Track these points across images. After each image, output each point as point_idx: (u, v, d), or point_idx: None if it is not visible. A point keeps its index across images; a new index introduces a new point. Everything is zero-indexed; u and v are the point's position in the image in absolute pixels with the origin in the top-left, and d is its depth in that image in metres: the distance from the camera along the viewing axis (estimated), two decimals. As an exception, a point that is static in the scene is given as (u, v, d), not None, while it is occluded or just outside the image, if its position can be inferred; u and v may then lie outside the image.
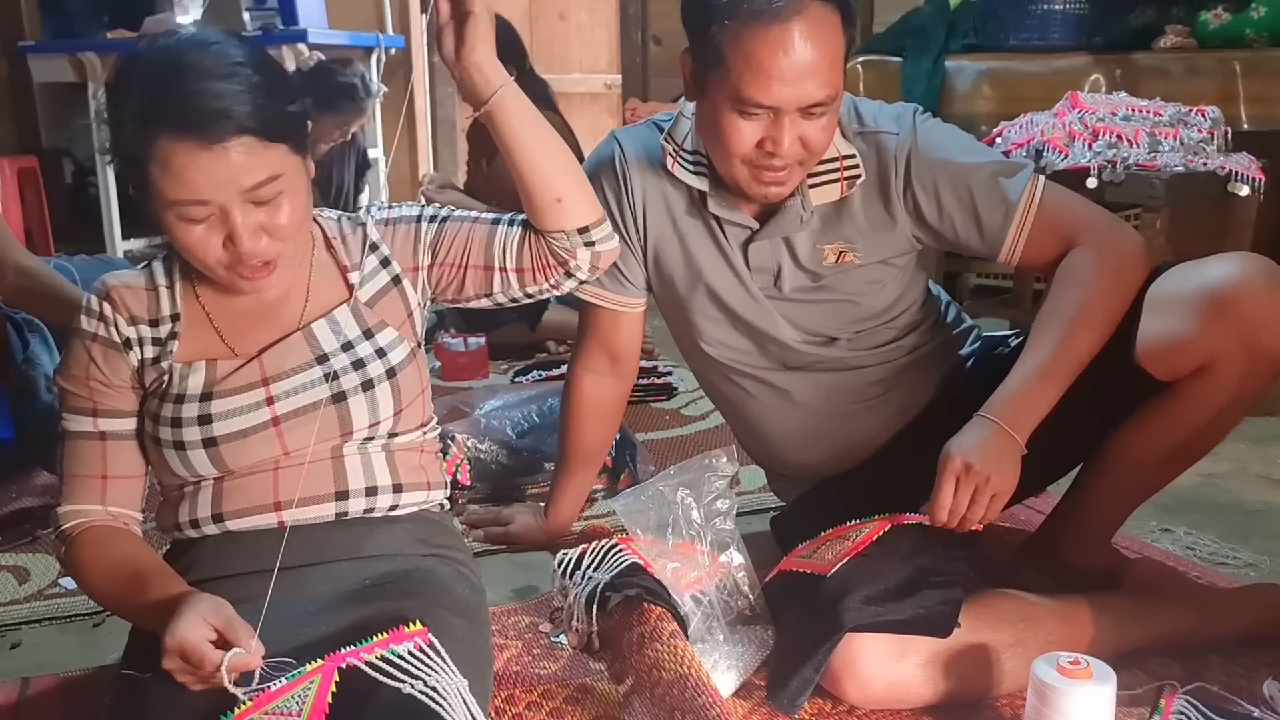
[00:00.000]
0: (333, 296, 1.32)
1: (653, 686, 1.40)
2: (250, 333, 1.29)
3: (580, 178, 1.37)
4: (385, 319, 1.34)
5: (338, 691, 1.06)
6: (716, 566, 1.56)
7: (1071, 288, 1.47)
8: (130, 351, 1.27)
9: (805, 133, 1.44)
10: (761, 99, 1.40)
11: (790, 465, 1.76)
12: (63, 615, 1.75)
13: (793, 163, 1.47)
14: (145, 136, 1.13)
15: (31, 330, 2.07)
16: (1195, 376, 1.44)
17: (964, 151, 1.56)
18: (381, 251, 1.35)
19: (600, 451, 1.91)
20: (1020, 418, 1.41)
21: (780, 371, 1.68)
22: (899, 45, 3.59)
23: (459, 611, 1.26)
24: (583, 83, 5.49)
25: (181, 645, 1.05)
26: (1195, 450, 1.56)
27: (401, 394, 1.32)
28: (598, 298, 1.71)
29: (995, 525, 1.84)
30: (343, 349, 1.29)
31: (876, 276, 1.60)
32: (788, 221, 1.56)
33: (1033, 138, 2.71)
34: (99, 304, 1.28)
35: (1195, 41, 3.20)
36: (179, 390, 1.26)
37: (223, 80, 1.14)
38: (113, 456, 1.28)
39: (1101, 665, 1.24)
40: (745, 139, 1.45)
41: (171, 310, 1.29)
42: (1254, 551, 1.91)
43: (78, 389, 1.28)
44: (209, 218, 1.16)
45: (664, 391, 2.91)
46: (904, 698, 1.40)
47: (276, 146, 1.17)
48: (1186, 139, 2.59)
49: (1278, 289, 1.41)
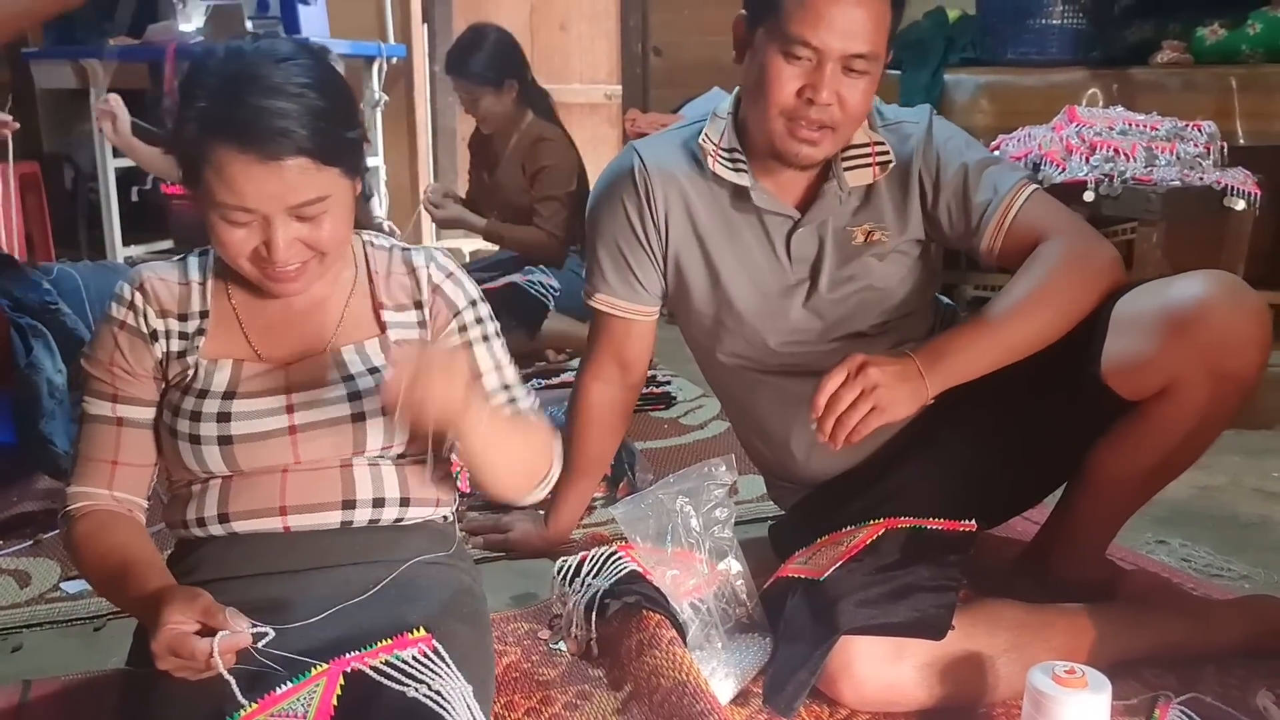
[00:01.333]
0: (364, 328, 1.34)
1: (651, 693, 1.41)
2: (278, 341, 1.31)
3: (533, 472, 1.40)
4: None
5: (343, 695, 1.07)
6: (715, 574, 1.57)
7: (1033, 268, 1.50)
8: (156, 344, 1.29)
9: (844, 91, 1.48)
10: (809, 38, 1.46)
11: (798, 470, 1.75)
12: (64, 619, 1.76)
13: (828, 123, 1.51)
14: (205, 140, 1.16)
15: (35, 335, 2.07)
16: (1162, 398, 1.45)
17: (968, 145, 1.62)
18: (423, 313, 1.36)
19: (604, 460, 1.92)
20: (938, 364, 1.43)
21: (796, 378, 1.68)
22: (897, 58, 3.61)
23: (463, 619, 1.27)
24: (583, 93, 5.51)
25: (169, 644, 1.06)
26: (1174, 467, 1.57)
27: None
28: (610, 306, 1.73)
29: (991, 536, 1.86)
30: (369, 372, 1.30)
31: (898, 264, 1.63)
32: (828, 204, 1.60)
33: (1030, 151, 2.73)
34: (131, 293, 1.30)
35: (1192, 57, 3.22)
36: (203, 385, 1.28)
37: (289, 100, 1.16)
38: (126, 443, 1.30)
39: (1097, 674, 1.24)
40: (787, 85, 1.49)
41: (202, 307, 1.31)
42: (1249, 564, 1.92)
43: (101, 374, 1.30)
44: (251, 223, 1.19)
45: (663, 401, 2.92)
46: (899, 701, 1.41)
47: (330, 169, 1.20)
48: (1183, 153, 2.61)
49: (1241, 309, 1.42)
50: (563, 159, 3.37)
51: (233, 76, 1.17)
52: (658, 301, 1.74)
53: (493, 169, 3.47)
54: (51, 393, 2.05)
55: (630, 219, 1.66)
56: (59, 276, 2.29)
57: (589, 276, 1.75)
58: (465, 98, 3.42)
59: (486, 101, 3.36)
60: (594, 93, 5.49)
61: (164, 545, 1.34)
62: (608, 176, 1.70)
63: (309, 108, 1.17)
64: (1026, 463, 1.61)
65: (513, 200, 3.41)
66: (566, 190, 3.32)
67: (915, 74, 3.47)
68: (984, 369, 1.44)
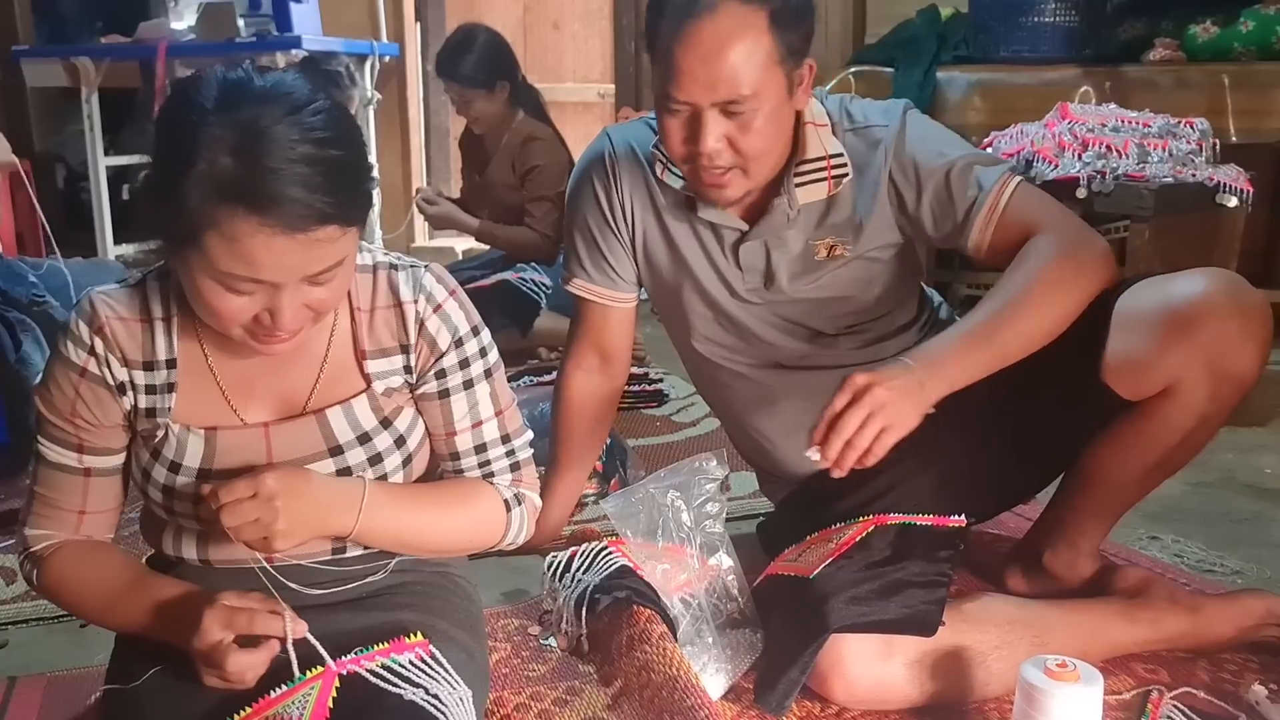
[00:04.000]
0: (348, 381, 1.20)
1: (642, 689, 1.40)
2: (256, 392, 1.18)
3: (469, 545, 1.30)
4: (401, 403, 1.23)
5: (339, 697, 1.06)
6: (706, 570, 1.56)
7: (1024, 266, 1.45)
8: (124, 396, 1.15)
9: (732, 135, 1.45)
10: (674, 92, 1.43)
11: (779, 462, 1.76)
12: (50, 616, 1.74)
13: (729, 166, 1.47)
14: (214, 207, 0.99)
15: (24, 330, 2.07)
16: (1162, 397, 1.45)
17: (946, 142, 1.58)
18: (408, 357, 1.21)
19: (591, 452, 1.91)
20: (937, 371, 1.37)
21: (769, 369, 1.68)
22: (891, 56, 3.62)
23: (459, 623, 1.25)
24: (576, 92, 5.50)
25: (226, 669, 1.05)
26: (1170, 466, 1.57)
27: (414, 472, 1.25)
28: (586, 291, 1.72)
29: (982, 531, 1.86)
30: (359, 441, 1.19)
31: (866, 271, 1.61)
32: (775, 221, 1.57)
33: (1023, 148, 2.74)
34: (90, 336, 1.13)
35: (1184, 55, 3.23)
36: (174, 457, 1.16)
37: (312, 165, 1.00)
38: (95, 492, 1.19)
39: (1089, 668, 1.24)
40: (673, 135, 1.48)
41: (168, 354, 1.15)
42: (1241, 559, 1.92)
43: (61, 423, 1.16)
44: (255, 292, 1.04)
45: (655, 398, 2.92)
46: (890, 698, 1.41)
47: (352, 230, 1.06)
48: (1175, 150, 2.61)
49: (1241, 308, 1.41)
50: (554, 158, 3.36)
51: (247, 134, 0.99)
52: (634, 289, 1.73)
53: (484, 168, 3.47)
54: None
55: (600, 203, 1.66)
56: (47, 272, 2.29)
57: (566, 262, 1.75)
58: (457, 99, 3.42)
59: (478, 103, 3.36)
60: (587, 91, 5.49)
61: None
62: (582, 162, 1.71)
63: (333, 167, 1.01)
64: (1019, 458, 1.60)
65: (504, 200, 3.41)
66: (557, 190, 3.31)
67: (908, 72, 3.48)
68: (980, 375, 1.40)
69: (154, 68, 4.35)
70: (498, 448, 1.28)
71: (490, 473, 1.29)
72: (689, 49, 1.41)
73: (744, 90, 1.41)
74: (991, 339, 1.41)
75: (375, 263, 1.21)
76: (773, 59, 1.43)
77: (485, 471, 1.28)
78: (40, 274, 2.23)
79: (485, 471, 1.28)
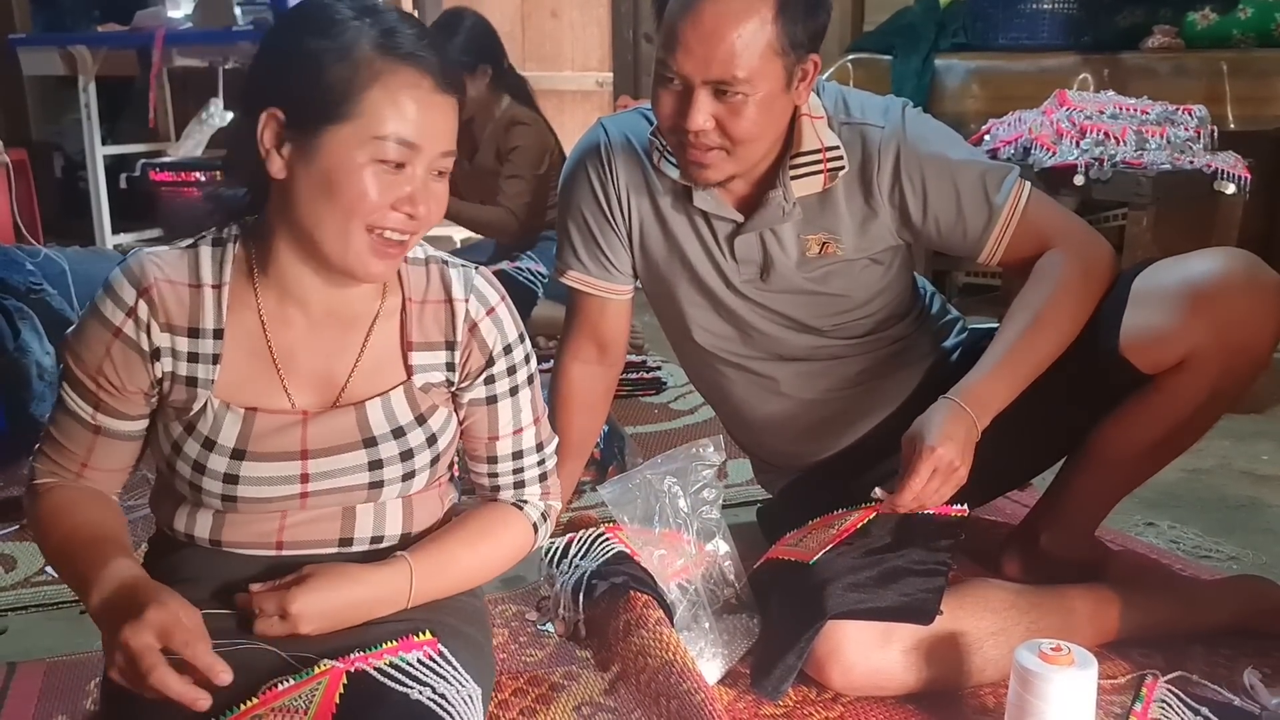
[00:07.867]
0: (389, 370, 1.20)
1: (638, 673, 1.41)
2: (301, 370, 1.17)
3: (502, 567, 1.31)
4: (437, 401, 1.23)
5: (345, 694, 1.05)
6: (703, 555, 1.57)
7: (1042, 285, 1.51)
8: (157, 363, 1.13)
9: (721, 116, 1.44)
10: (668, 60, 1.44)
11: (775, 452, 1.77)
12: (49, 602, 1.75)
13: (714, 146, 1.47)
14: (382, 60, 1.06)
15: (21, 318, 2.06)
16: (1176, 371, 1.46)
17: (952, 150, 1.57)
18: (454, 354, 1.22)
19: (588, 441, 1.91)
20: (986, 409, 1.44)
21: (765, 360, 1.68)
22: (889, 44, 3.61)
23: (466, 619, 1.24)
24: (574, 80, 5.49)
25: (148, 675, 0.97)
26: (1177, 445, 1.57)
27: (438, 471, 1.26)
28: (583, 283, 1.71)
29: (979, 517, 1.86)
30: (393, 434, 1.19)
31: (860, 271, 1.61)
32: (770, 213, 1.56)
33: (1021, 135, 2.73)
34: (135, 299, 1.11)
35: (1183, 42, 3.22)
36: (210, 434, 1.14)
37: (437, 50, 1.11)
38: (100, 450, 1.18)
39: (1083, 652, 1.25)
40: (664, 106, 1.48)
41: (216, 323, 1.13)
42: (1237, 545, 1.93)
43: (84, 378, 1.14)
44: (401, 169, 1.08)
45: (653, 386, 2.92)
46: (887, 684, 1.41)
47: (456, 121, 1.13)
48: (1173, 137, 2.60)
49: (1256, 287, 1.44)
50: (536, 141, 3.33)
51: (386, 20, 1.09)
52: (630, 280, 1.73)
53: (473, 155, 3.45)
54: (40, 375, 2.04)
55: (596, 195, 1.65)
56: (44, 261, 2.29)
57: (560, 253, 1.73)
58: None
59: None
60: (585, 80, 5.47)
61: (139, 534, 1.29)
62: (576, 152, 1.69)
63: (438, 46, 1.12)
64: (1022, 443, 1.60)
65: (492, 186, 3.39)
66: (535, 172, 3.29)
67: (906, 59, 3.47)
68: (1013, 396, 1.47)
69: (151, 56, 4.34)
70: (533, 455, 1.31)
71: (521, 481, 1.32)
72: (692, 23, 1.41)
73: (738, 73, 1.41)
74: (1024, 363, 1.48)
75: (428, 256, 1.23)
76: (773, 49, 1.42)
77: (517, 479, 1.31)
78: (38, 262, 2.23)
79: (517, 479, 1.31)
